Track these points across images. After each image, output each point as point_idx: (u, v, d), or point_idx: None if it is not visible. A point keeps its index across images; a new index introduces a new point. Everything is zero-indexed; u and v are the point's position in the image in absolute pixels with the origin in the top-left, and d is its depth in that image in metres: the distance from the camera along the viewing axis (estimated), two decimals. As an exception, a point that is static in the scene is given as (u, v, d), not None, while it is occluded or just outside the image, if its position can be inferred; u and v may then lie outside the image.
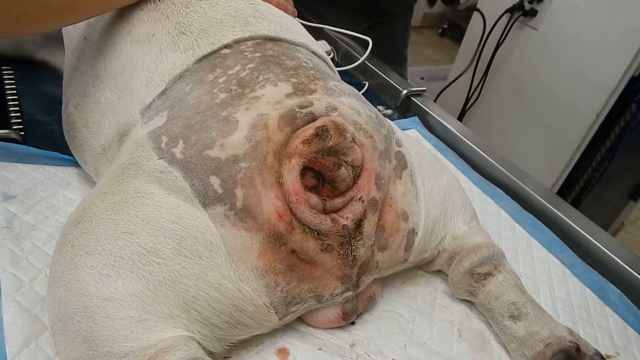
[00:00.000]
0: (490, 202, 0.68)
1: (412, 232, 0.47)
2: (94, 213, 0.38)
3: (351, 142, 0.40)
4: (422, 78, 2.27)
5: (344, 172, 0.39)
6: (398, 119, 0.87)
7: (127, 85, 0.46)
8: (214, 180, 0.37)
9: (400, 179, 0.47)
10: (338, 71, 0.95)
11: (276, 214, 0.38)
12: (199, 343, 0.36)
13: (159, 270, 0.35)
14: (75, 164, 0.57)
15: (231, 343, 0.40)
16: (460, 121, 1.62)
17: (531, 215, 0.66)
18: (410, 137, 0.56)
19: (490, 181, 0.73)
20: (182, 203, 0.37)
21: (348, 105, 0.43)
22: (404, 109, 0.91)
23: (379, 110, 0.89)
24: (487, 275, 0.48)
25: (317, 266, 0.40)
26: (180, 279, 0.36)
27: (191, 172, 0.38)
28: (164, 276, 0.35)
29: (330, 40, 1.04)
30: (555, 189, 1.42)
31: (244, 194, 0.37)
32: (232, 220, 0.37)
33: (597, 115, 1.30)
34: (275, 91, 0.42)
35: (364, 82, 0.95)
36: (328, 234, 0.39)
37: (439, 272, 0.54)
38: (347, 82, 0.51)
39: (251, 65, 0.44)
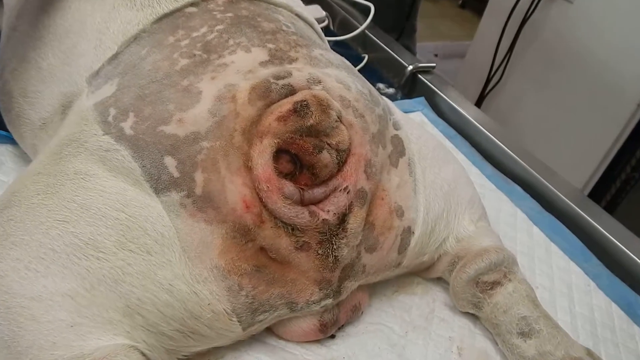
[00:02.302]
0: (505, 200, 0.68)
1: (408, 231, 0.46)
2: (23, 197, 0.37)
3: (336, 121, 0.39)
4: (436, 55, 2.27)
5: (327, 157, 0.38)
6: (402, 99, 0.87)
7: (73, 49, 0.46)
8: (170, 162, 0.37)
9: (396, 167, 0.46)
10: (333, 41, 0.95)
11: (243, 203, 0.37)
12: (142, 354, 0.36)
13: (98, 266, 0.35)
14: (10, 140, 0.56)
15: (184, 356, 0.40)
16: (479, 107, 1.62)
17: (553, 217, 0.66)
18: (413, 120, 0.56)
19: (507, 176, 0.73)
20: (129, 188, 0.37)
21: (335, 78, 0.43)
22: (409, 88, 0.91)
23: (379, 88, 0.90)
24: (495, 284, 0.48)
25: (290, 268, 0.40)
26: (123, 277, 0.35)
27: (142, 151, 0.37)
28: (103, 273, 0.35)
29: (326, 5, 1.03)
30: (587, 190, 1.42)
31: (204, 179, 0.37)
32: (189, 209, 0.37)
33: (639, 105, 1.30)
34: (247, 58, 0.41)
35: (363, 55, 0.95)
36: (305, 229, 0.39)
37: (439, 280, 0.54)
38: (344, 55, 0.50)
39: (220, 27, 0.43)
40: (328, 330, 0.44)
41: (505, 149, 0.77)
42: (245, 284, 0.38)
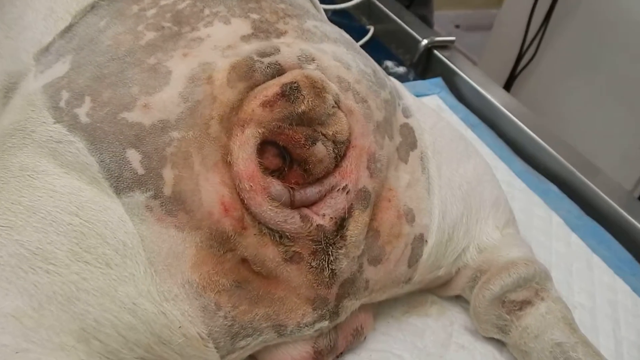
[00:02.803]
0: (539, 202, 0.68)
1: (420, 240, 0.47)
2: (-42, 198, 0.38)
3: (333, 107, 0.40)
4: (458, 26, 2.28)
5: (322, 150, 0.39)
6: (414, 80, 0.87)
7: (18, 20, 0.46)
8: (133, 156, 0.37)
9: (406, 163, 0.47)
10: (332, 10, 0.96)
11: (221, 206, 0.38)
12: (100, 386, 0.36)
13: (47, 281, 0.35)
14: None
15: (150, 388, 0.40)
16: (508, 89, 1.62)
17: (595, 223, 0.67)
18: (427, 105, 0.57)
19: (540, 173, 0.74)
20: (85, 187, 0.37)
21: (332, 55, 0.43)
22: (423, 66, 0.91)
23: (386, 67, 0.90)
24: (525, 304, 0.48)
25: (278, 283, 0.40)
26: (77, 294, 0.35)
27: (100, 143, 0.38)
28: (54, 290, 0.35)
29: (323, -33, 1.04)
30: (638, 192, 1.43)
31: (175, 177, 0.37)
32: (156, 213, 0.37)
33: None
34: (226, 31, 0.42)
35: (367, 27, 0.95)
36: (295, 237, 0.39)
37: (458, 299, 0.54)
38: (345, 27, 0.51)
39: (194, -6, 0.44)
40: (324, 359, 0.45)
41: (539, 140, 0.78)
42: (223, 302, 0.39)
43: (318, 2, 0.57)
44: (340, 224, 0.41)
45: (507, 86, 1.63)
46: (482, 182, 0.53)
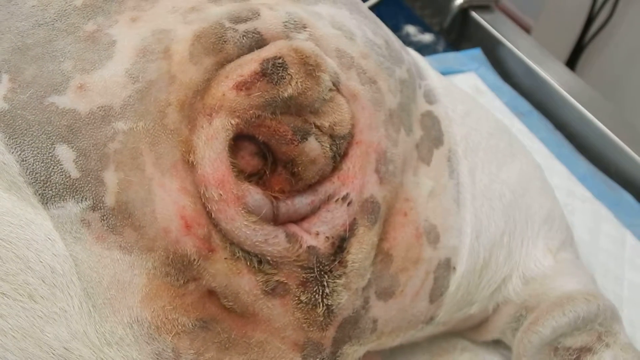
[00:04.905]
0: (608, 217, 0.69)
1: (446, 266, 0.47)
2: None
3: (331, 90, 0.40)
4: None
5: (315, 147, 0.40)
6: (445, 51, 0.87)
7: None
8: (65, 154, 0.37)
9: (429, 165, 0.48)
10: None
11: (181, 220, 0.38)
12: None
13: (-51, 319, 0.35)
14: None
15: None
16: (572, 67, 1.62)
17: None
18: (459, 87, 0.57)
19: (612, 179, 0.74)
20: (2, 194, 0.37)
21: (330, 21, 0.44)
22: (457, 33, 0.92)
23: (406, 34, 0.90)
24: (584, 351, 0.49)
25: (256, 323, 0.40)
26: (-10, 337, 0.36)
27: (22, 137, 0.38)
28: (-42, 330, 0.35)
29: None
30: None
31: (120, 182, 0.37)
32: (95, 229, 0.37)
33: None
34: (189, -11, 0.42)
35: (381, -20, 0.96)
36: (280, 262, 0.39)
37: (496, 344, 0.55)
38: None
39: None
40: None
41: (612, 135, 0.78)
42: (184, 348, 0.39)
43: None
44: (339, 246, 0.41)
45: (571, 61, 1.63)
46: (530, 191, 0.53)
